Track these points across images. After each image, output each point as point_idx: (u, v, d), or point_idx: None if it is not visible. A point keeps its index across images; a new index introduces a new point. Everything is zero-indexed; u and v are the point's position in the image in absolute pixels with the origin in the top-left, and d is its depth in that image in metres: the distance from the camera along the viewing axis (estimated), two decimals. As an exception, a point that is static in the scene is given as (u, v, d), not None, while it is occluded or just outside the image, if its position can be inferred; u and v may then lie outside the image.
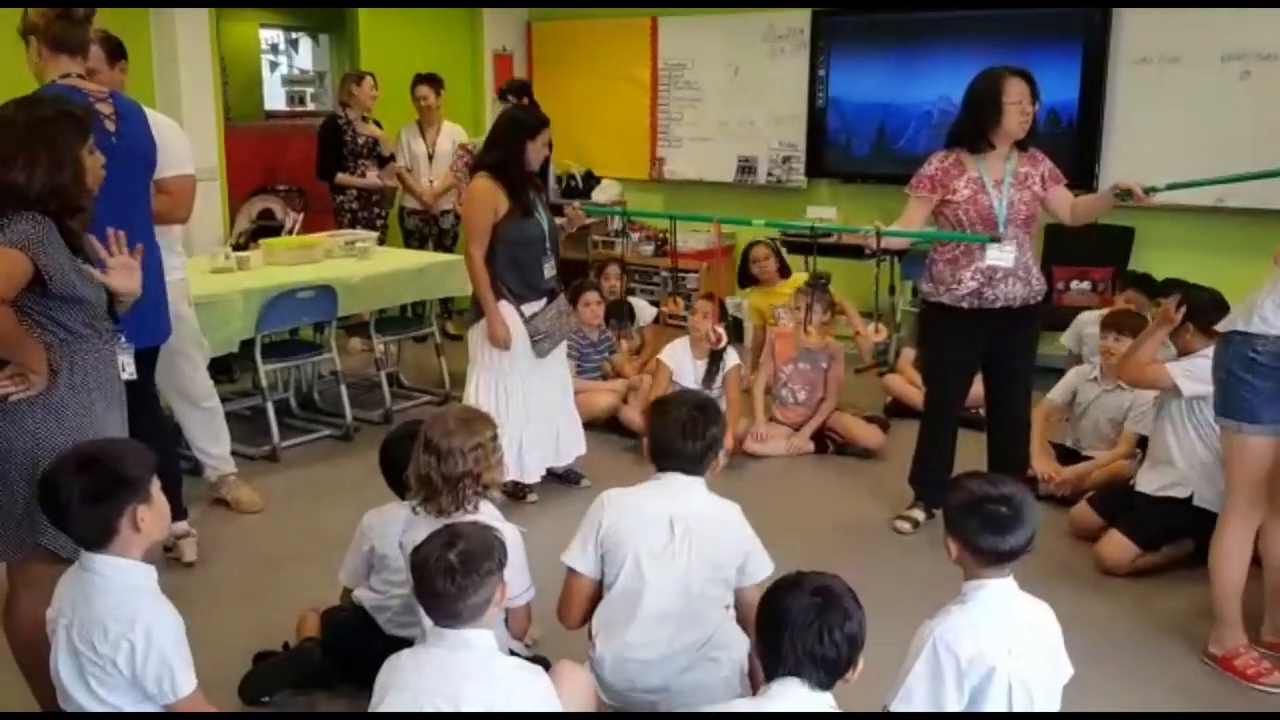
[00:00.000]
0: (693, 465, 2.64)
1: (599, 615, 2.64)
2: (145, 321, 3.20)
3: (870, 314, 6.35)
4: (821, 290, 5.24)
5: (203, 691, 2.23)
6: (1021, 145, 3.89)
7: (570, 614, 2.70)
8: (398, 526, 2.85)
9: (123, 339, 2.61)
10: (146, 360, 3.41)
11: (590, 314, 5.45)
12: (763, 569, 2.62)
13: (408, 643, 2.70)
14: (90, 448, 2.26)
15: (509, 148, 4.13)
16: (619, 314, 5.82)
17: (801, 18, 7.08)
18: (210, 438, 4.23)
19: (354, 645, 2.93)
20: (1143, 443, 4.15)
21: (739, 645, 2.57)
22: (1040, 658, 2.23)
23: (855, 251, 5.83)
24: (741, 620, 2.61)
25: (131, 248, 2.61)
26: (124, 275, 2.56)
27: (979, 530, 2.20)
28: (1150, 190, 3.63)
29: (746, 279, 6.06)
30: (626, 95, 7.89)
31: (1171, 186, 3.75)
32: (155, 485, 2.24)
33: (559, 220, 4.61)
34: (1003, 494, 2.22)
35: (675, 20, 7.68)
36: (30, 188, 2.33)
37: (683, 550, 2.56)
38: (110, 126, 3.20)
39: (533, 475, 4.32)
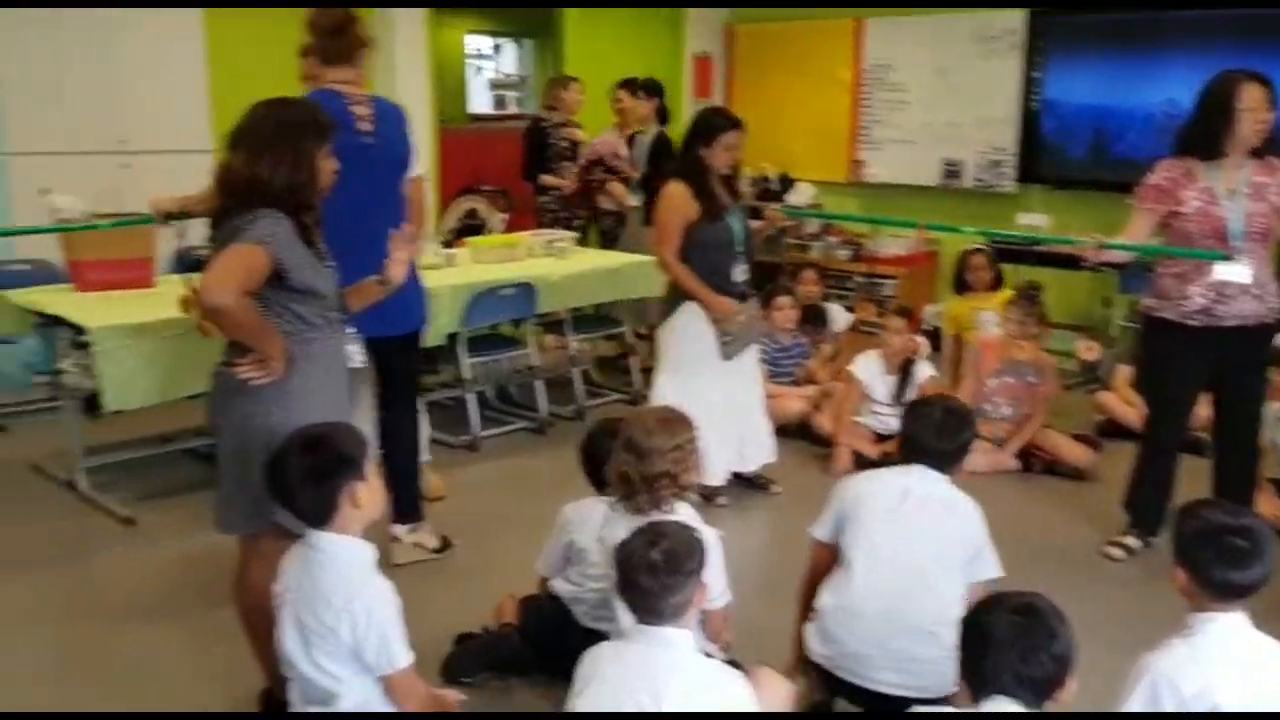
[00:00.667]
0: (941, 463, 2.71)
1: (827, 578, 2.72)
2: (402, 309, 3.44)
3: (1082, 328, 6.11)
4: (1033, 301, 5.03)
5: (411, 668, 2.32)
6: (1258, 153, 3.62)
7: (809, 583, 2.79)
8: (597, 521, 2.90)
9: (350, 329, 2.75)
10: (404, 348, 3.63)
11: (782, 318, 5.41)
12: (989, 569, 2.67)
13: (603, 636, 2.75)
14: (311, 430, 2.39)
15: (689, 151, 4.16)
16: (813, 319, 5.75)
17: (1016, 18, 6.83)
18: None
19: (550, 635, 3.00)
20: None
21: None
22: (1270, 697, 2.07)
23: (1069, 262, 5.57)
24: None
25: (382, 243, 2.82)
26: (400, 268, 2.82)
27: (1213, 562, 2.06)
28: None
29: (960, 285, 5.88)
30: (827, 97, 7.80)
31: None
32: (370, 465, 2.35)
33: (756, 223, 4.59)
34: (1242, 525, 2.09)
35: (881, 21, 7.54)
36: (272, 184, 2.48)
37: (909, 517, 2.64)
38: (365, 128, 3.40)
39: (716, 478, 4.31)
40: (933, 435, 2.70)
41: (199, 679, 3.04)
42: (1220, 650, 2.07)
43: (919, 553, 2.62)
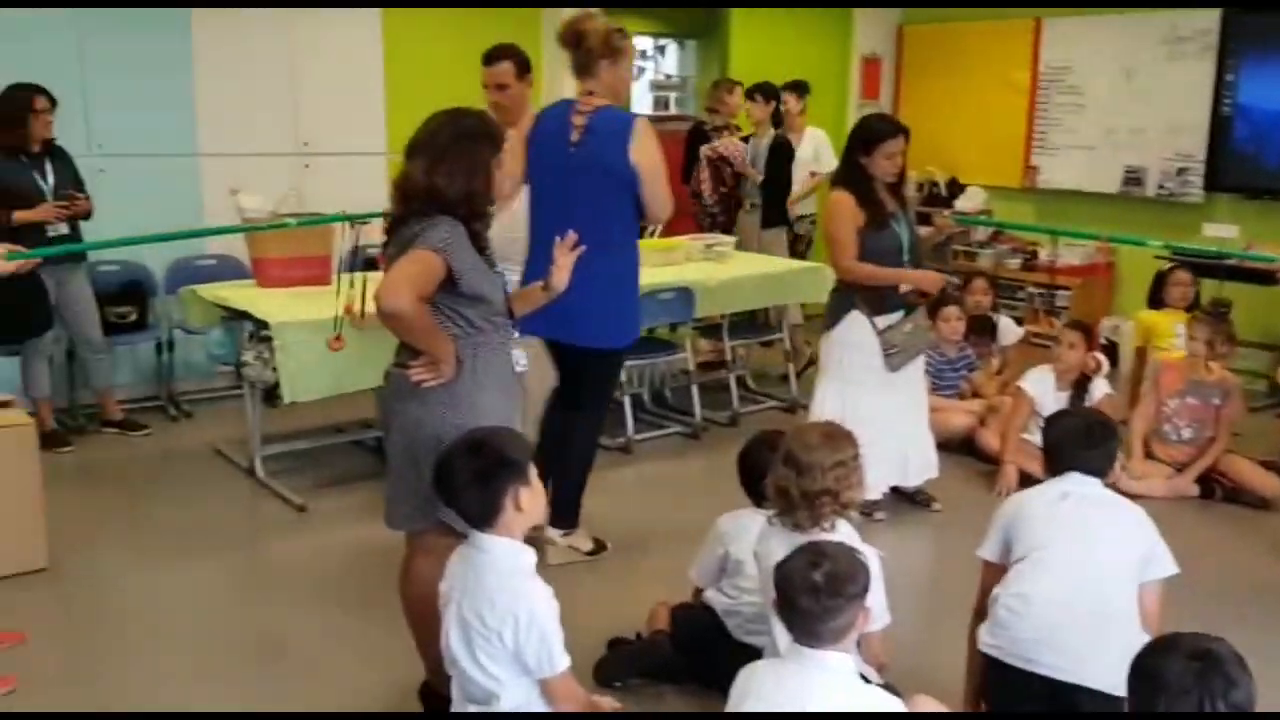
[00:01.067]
0: (1091, 472, 2.67)
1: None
2: (600, 322, 3.55)
3: (1274, 347, 5.73)
4: (1222, 319, 4.74)
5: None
6: None
7: (981, 608, 2.72)
8: (753, 534, 2.87)
9: (517, 334, 2.80)
10: (597, 359, 3.66)
11: (949, 329, 5.25)
12: (1164, 566, 2.62)
13: (756, 650, 2.73)
14: (477, 433, 2.43)
15: (850, 159, 4.10)
16: (982, 330, 5.56)
17: (1209, 18, 6.45)
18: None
19: (703, 645, 2.99)
20: None
21: (1137, 633, 2.40)
22: None
23: (1262, 277, 5.23)
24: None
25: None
26: (562, 274, 2.87)
27: None
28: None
29: (1155, 301, 5.59)
30: (1001, 100, 7.55)
31: None
32: (533, 470, 2.38)
33: (924, 229, 4.47)
34: None
35: (1061, 21, 7.24)
36: (449, 192, 2.55)
37: (1071, 515, 2.61)
38: (574, 138, 3.50)
39: (874, 491, 4.20)
40: (1080, 443, 2.68)
41: (363, 665, 3.15)
42: None
43: (1086, 546, 2.58)
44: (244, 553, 3.98)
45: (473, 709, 2.36)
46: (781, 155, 6.34)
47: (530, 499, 2.35)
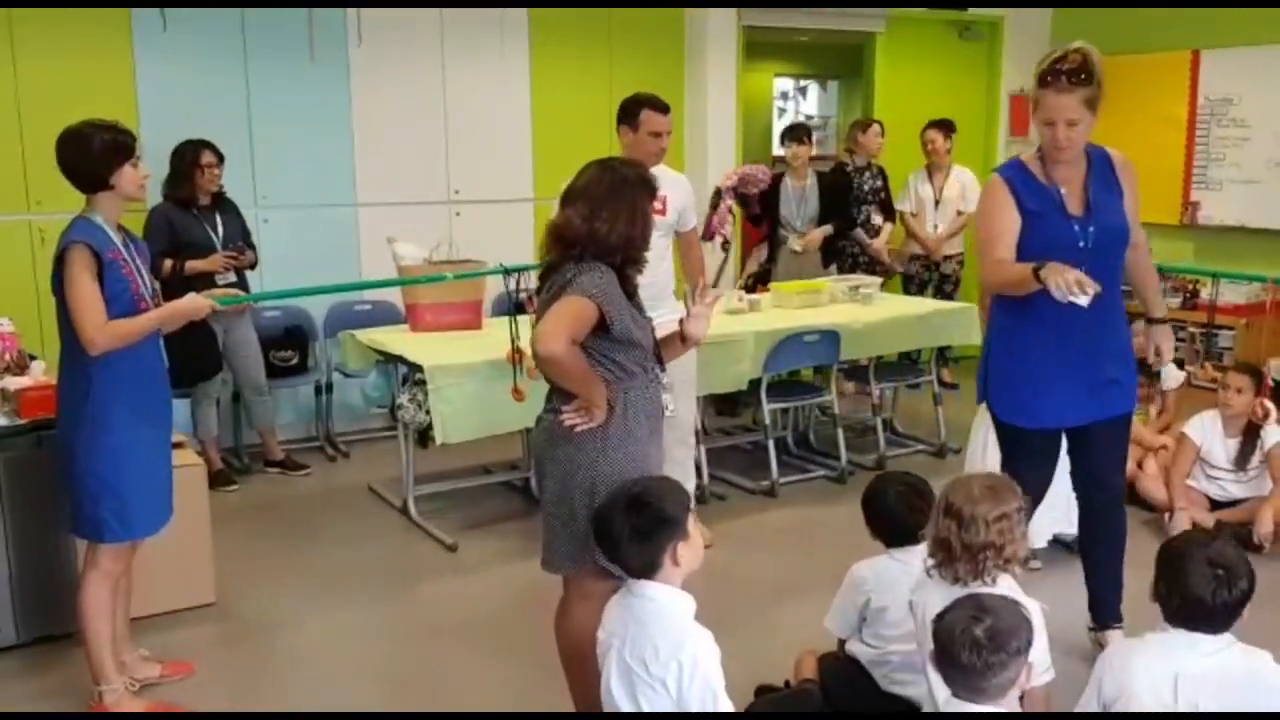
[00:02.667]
0: (1216, 624, 2.28)
1: None
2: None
3: None
4: None
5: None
6: None
7: None
8: (896, 579, 2.84)
9: (666, 379, 2.82)
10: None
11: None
12: None
13: (904, 700, 2.66)
14: (637, 486, 2.46)
15: None
16: (1143, 373, 5.32)
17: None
18: (683, 474, 4.41)
19: (852, 697, 2.93)
20: None
21: None
22: None
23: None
24: None
25: None
26: (700, 323, 2.84)
27: None
28: None
29: None
30: (1157, 134, 7.26)
31: None
32: (691, 520, 2.39)
33: None
34: None
35: (1221, 52, 6.95)
36: (609, 238, 2.60)
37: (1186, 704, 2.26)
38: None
39: (1039, 539, 4.08)
40: (1203, 588, 2.24)
41: (508, 704, 3.19)
42: None
43: None
44: (398, 591, 4.09)
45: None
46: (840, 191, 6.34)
47: (688, 552, 2.36)
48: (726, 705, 2.27)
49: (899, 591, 2.87)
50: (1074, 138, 3.05)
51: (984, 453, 4.05)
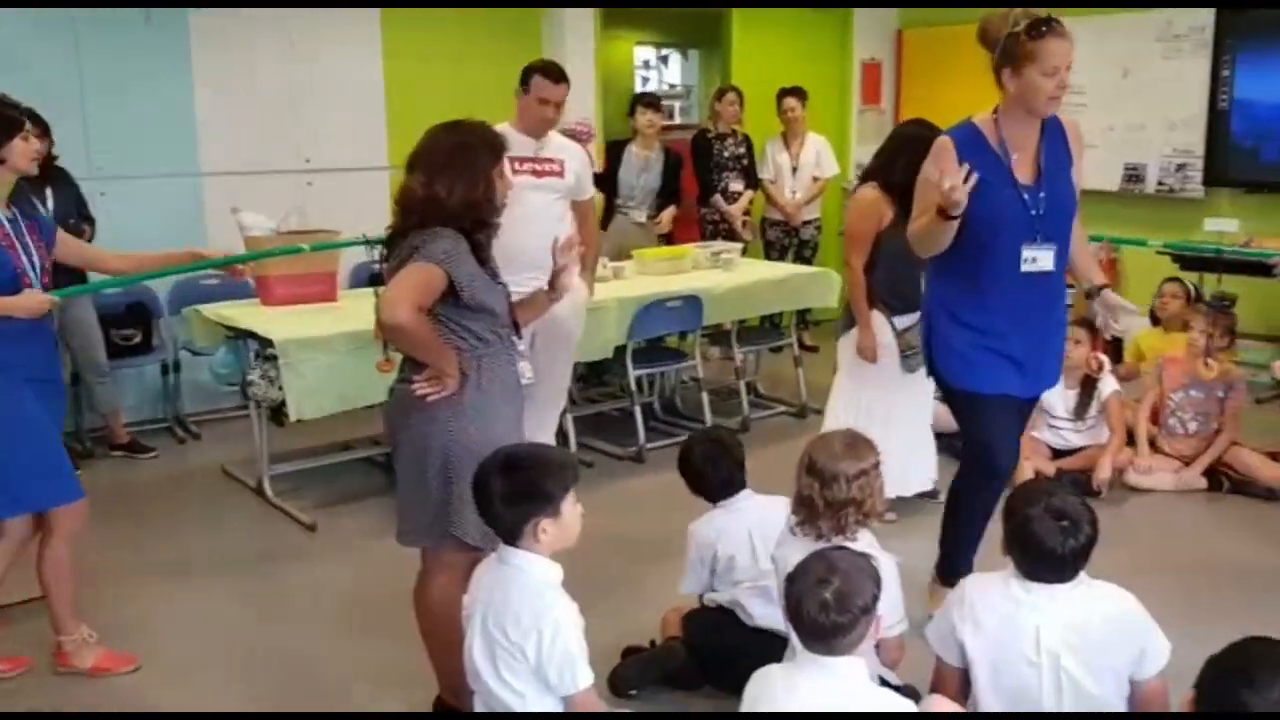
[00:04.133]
0: (1066, 573, 2.32)
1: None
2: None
3: (1276, 340, 5.73)
4: (1221, 312, 4.75)
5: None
6: None
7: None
8: (733, 526, 3.02)
9: (521, 346, 2.80)
10: None
11: None
12: (1159, 658, 2.32)
13: (771, 634, 2.71)
14: (519, 451, 2.40)
15: (913, 163, 4.06)
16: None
17: (1203, 15, 6.46)
18: (549, 438, 4.44)
19: (717, 639, 2.99)
20: None
21: None
22: None
23: (1264, 270, 5.22)
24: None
25: None
26: (568, 274, 2.88)
27: None
28: None
29: (1155, 318, 5.60)
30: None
31: None
32: (569, 501, 2.32)
33: None
34: None
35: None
36: (449, 203, 2.55)
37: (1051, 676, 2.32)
38: None
39: (911, 489, 4.29)
40: (1050, 540, 2.28)
41: (377, 683, 3.14)
42: None
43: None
44: (254, 573, 3.97)
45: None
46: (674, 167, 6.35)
47: (554, 531, 2.30)
48: (586, 675, 2.27)
49: (739, 536, 3.02)
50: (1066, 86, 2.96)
51: (840, 407, 4.18)
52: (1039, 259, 2.99)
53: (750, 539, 3.01)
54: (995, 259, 2.98)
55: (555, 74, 4.07)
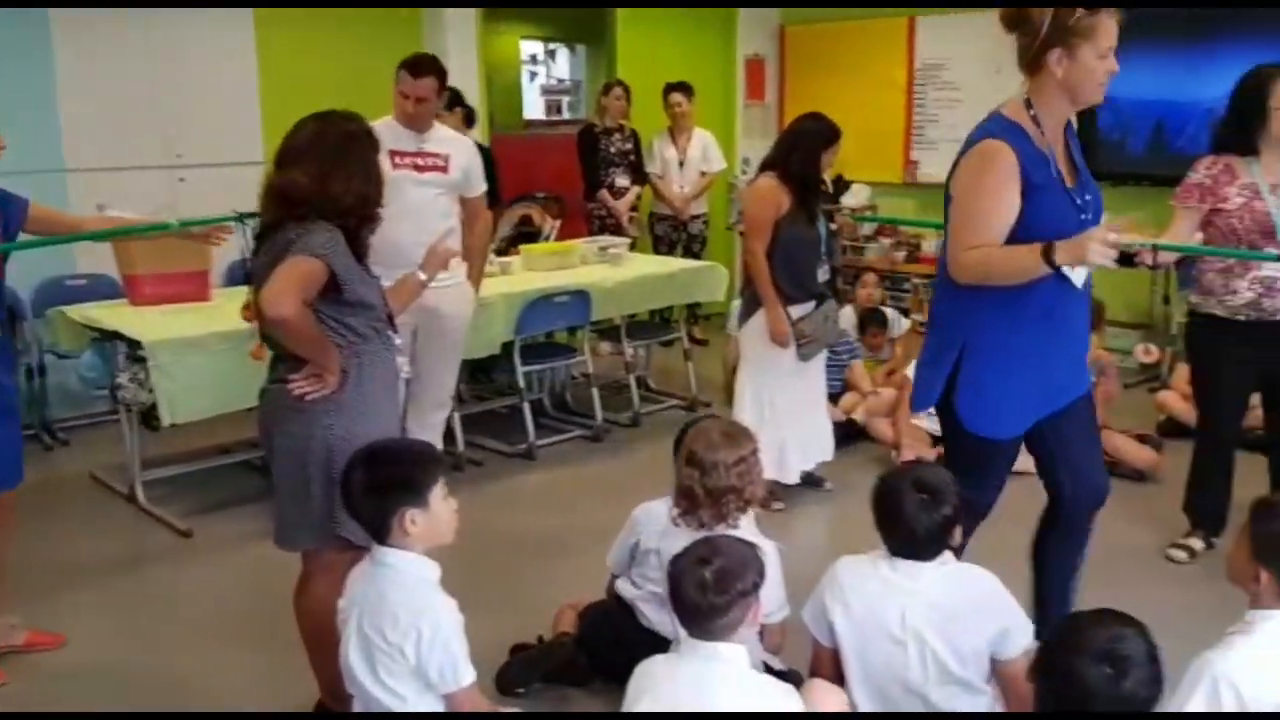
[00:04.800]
0: (930, 547, 2.37)
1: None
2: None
3: (1142, 326, 5.97)
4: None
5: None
6: None
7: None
8: (662, 523, 2.90)
9: (398, 340, 2.74)
10: None
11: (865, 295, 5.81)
12: (1023, 638, 2.38)
13: (662, 638, 2.72)
14: (381, 445, 2.37)
15: (809, 154, 4.15)
16: (875, 323, 5.68)
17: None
18: (435, 440, 4.39)
19: (612, 638, 2.97)
20: None
21: None
22: None
23: (1128, 259, 5.42)
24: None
25: None
26: (434, 258, 2.94)
27: None
28: None
29: None
30: (880, 97, 7.70)
31: None
32: (437, 494, 2.29)
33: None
34: None
35: (934, 19, 7.43)
36: (344, 199, 2.49)
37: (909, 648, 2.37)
38: None
39: (792, 476, 4.36)
40: (913, 513, 2.32)
41: (254, 690, 3.06)
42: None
43: (934, 694, 2.36)
44: (126, 582, 3.82)
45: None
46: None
47: (424, 523, 2.26)
48: (468, 673, 2.24)
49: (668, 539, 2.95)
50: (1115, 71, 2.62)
51: (744, 396, 4.30)
52: (1079, 273, 2.58)
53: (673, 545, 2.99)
54: (1050, 277, 2.51)
55: (414, 67, 3.99)
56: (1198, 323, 3.79)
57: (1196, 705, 1.98)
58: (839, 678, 2.48)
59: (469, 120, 6.07)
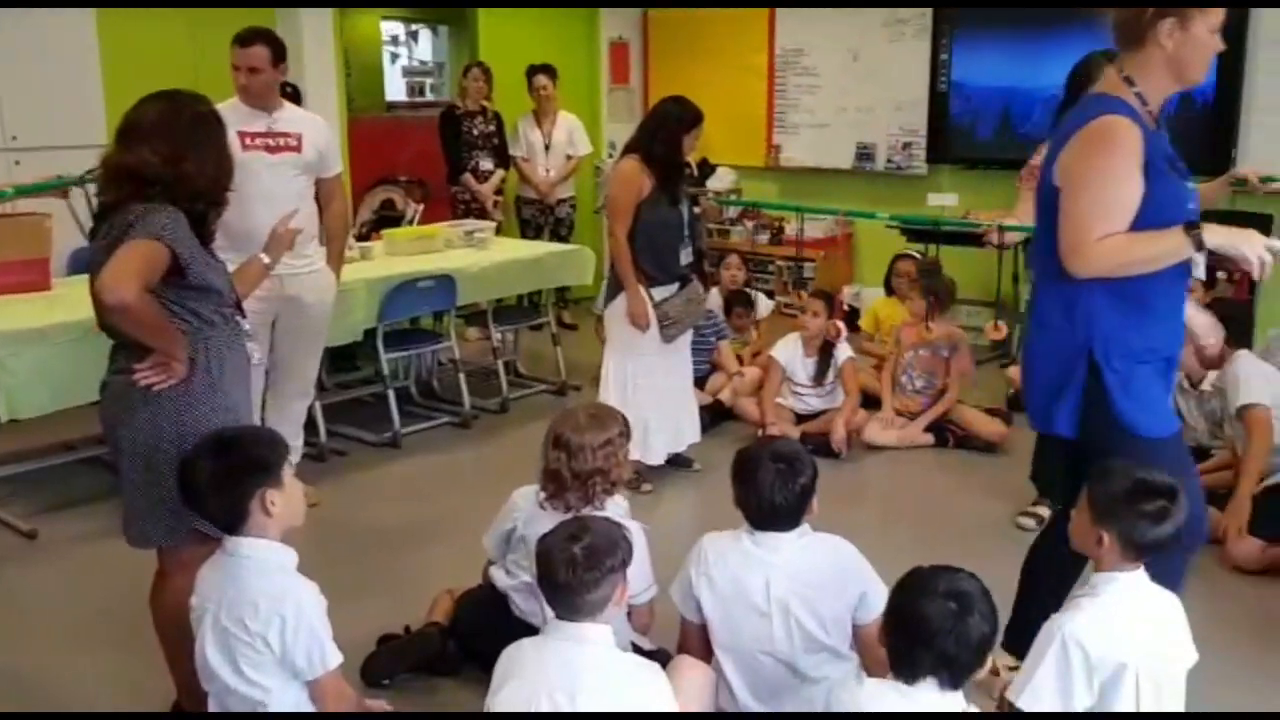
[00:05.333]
0: (789, 517, 2.45)
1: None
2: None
3: (992, 303, 6.22)
4: (934, 275, 5.14)
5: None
6: None
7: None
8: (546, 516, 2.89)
9: (248, 326, 2.65)
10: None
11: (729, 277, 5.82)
12: (877, 602, 2.38)
13: (535, 628, 2.72)
14: (226, 433, 2.32)
15: (671, 137, 4.17)
16: (741, 304, 5.78)
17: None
18: (296, 430, 4.28)
19: (484, 626, 2.94)
20: None
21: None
22: (1168, 650, 2.16)
23: (976, 240, 5.67)
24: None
25: None
26: (277, 243, 2.93)
27: (1138, 520, 2.11)
28: (1268, 180, 3.05)
29: (889, 288, 5.95)
30: (742, 83, 7.82)
31: None
32: (288, 472, 2.28)
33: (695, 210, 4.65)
34: (1162, 483, 2.13)
35: (793, 8, 7.57)
36: (197, 181, 2.40)
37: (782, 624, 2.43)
38: None
39: (657, 457, 4.39)
40: (770, 484, 2.38)
41: (108, 691, 2.94)
42: (1122, 607, 2.14)
43: (800, 662, 2.43)
44: (-33, 589, 3.63)
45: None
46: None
47: (282, 501, 2.23)
48: (335, 656, 2.21)
49: (543, 526, 2.92)
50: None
51: (609, 378, 4.31)
52: (1200, 260, 2.31)
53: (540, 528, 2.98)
54: (1173, 268, 2.33)
55: (242, 38, 3.83)
56: None
57: (1049, 665, 2.10)
58: (707, 653, 2.53)
59: (295, 99, 5.91)
